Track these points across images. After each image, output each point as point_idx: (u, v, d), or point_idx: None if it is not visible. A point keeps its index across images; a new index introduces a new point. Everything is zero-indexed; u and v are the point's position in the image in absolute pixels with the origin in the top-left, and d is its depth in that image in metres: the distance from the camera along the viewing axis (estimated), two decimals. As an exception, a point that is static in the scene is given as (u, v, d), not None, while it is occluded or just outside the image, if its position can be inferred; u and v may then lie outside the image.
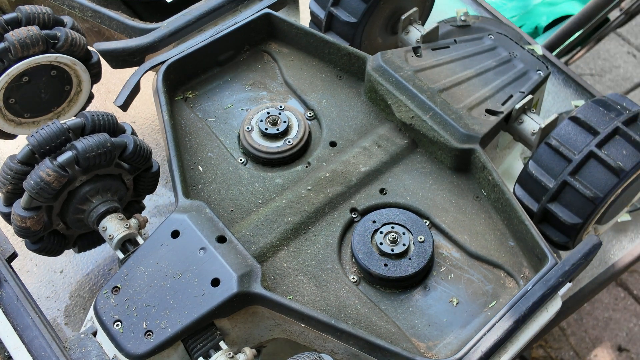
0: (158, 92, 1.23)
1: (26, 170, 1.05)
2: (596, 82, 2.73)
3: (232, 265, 0.99)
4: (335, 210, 1.15)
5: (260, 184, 1.18)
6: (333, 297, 1.06)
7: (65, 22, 1.28)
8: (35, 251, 1.14)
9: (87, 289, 1.34)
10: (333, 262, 1.10)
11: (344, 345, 0.98)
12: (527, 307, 0.98)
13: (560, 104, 1.56)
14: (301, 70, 1.36)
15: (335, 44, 1.32)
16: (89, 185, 1.08)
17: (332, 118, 1.27)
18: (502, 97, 1.27)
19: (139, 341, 0.93)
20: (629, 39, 2.89)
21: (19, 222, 1.06)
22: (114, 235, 1.07)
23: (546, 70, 1.32)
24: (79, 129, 1.08)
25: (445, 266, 1.11)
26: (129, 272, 0.99)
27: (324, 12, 1.41)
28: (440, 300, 1.07)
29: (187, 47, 1.29)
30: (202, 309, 0.95)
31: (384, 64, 1.25)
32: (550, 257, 1.03)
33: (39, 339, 0.95)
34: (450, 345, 1.02)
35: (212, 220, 1.05)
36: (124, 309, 0.96)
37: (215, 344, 0.96)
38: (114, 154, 1.07)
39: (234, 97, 1.32)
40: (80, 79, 1.31)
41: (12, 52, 1.18)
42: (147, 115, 1.61)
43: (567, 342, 2.21)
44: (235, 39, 1.34)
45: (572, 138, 1.14)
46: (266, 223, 1.12)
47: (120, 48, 1.32)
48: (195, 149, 1.23)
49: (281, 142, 1.22)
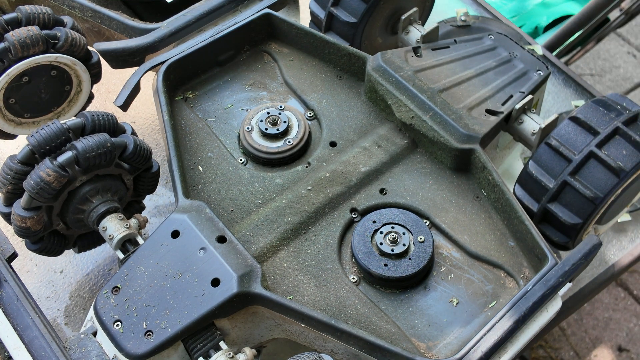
0: (158, 92, 1.23)
1: (26, 170, 1.04)
2: (596, 82, 2.73)
3: (232, 265, 0.99)
4: (335, 211, 1.15)
5: (260, 184, 1.18)
6: (333, 297, 1.06)
7: (65, 22, 1.28)
8: (35, 251, 1.14)
9: (87, 289, 1.34)
10: (333, 262, 1.10)
11: (344, 346, 0.98)
12: (527, 307, 0.98)
13: (560, 104, 1.56)
14: (301, 70, 1.35)
15: (335, 44, 1.32)
16: (89, 185, 1.08)
17: (332, 118, 1.27)
18: (502, 97, 1.27)
19: (139, 341, 0.93)
20: (629, 39, 2.89)
21: (19, 222, 1.06)
22: (114, 235, 1.07)
23: (546, 71, 1.32)
24: (79, 129, 1.08)
25: (445, 266, 1.11)
26: (129, 272, 0.99)
27: (324, 12, 1.41)
28: (441, 300, 1.07)
29: (187, 47, 1.29)
30: (202, 309, 0.95)
31: (384, 64, 1.25)
32: (551, 257, 1.03)
33: (39, 339, 0.95)
34: (450, 346, 1.02)
35: (212, 220, 1.05)
36: (124, 309, 0.96)
37: (215, 344, 0.96)
38: (114, 154, 1.07)
39: (234, 97, 1.32)
40: (80, 79, 1.31)
41: (12, 52, 1.18)
42: (147, 115, 1.61)
43: (567, 342, 2.21)
44: (235, 39, 1.34)
45: (572, 138, 1.14)
46: (266, 223, 1.12)
47: (120, 48, 1.32)
48: (195, 149, 1.23)
49: (281, 142, 1.22)
